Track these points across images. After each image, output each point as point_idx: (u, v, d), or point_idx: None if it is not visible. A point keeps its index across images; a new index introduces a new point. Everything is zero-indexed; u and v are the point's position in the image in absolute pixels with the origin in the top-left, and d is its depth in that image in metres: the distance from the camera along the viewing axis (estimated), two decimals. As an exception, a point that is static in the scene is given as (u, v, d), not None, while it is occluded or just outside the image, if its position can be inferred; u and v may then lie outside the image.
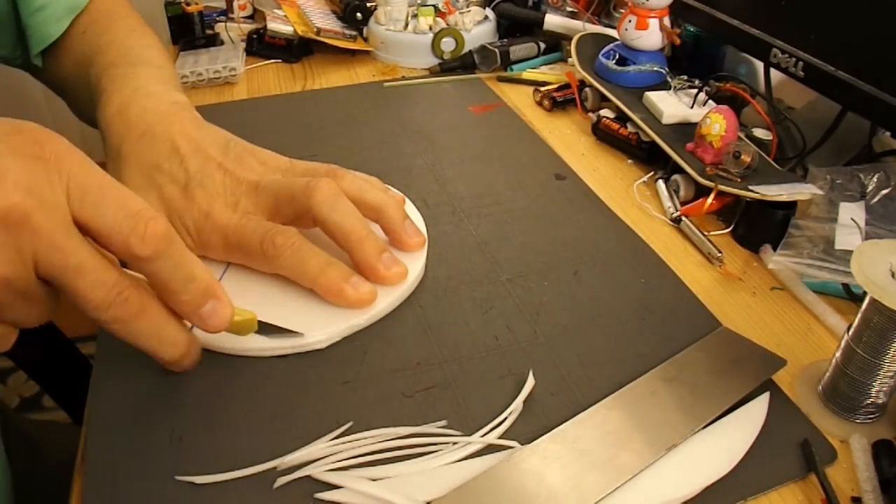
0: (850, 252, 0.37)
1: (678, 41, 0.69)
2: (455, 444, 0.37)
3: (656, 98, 0.65)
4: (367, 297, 0.44)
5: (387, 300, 0.45)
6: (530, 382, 0.41)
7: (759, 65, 0.69)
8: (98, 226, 0.31)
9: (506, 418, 0.39)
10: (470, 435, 0.38)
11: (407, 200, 0.54)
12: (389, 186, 0.53)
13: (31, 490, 0.54)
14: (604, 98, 0.69)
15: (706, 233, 0.53)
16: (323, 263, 0.44)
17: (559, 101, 0.74)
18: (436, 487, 0.35)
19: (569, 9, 0.87)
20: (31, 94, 2.00)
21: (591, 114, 0.69)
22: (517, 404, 0.39)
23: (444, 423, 0.39)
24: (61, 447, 0.59)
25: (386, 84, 0.79)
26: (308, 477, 0.36)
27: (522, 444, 0.37)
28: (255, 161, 0.47)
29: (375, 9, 0.88)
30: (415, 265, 0.48)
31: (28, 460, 0.58)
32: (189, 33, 0.88)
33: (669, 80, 0.67)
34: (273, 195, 0.45)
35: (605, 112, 0.68)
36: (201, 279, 0.35)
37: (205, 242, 0.45)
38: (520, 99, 0.76)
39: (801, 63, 0.57)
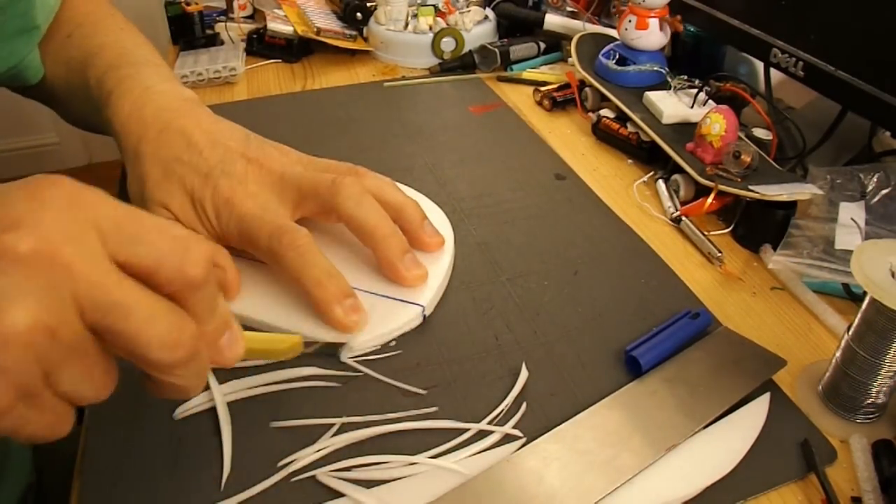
0: (850, 252, 0.37)
1: (681, 27, 0.69)
2: (458, 434, 0.37)
3: (656, 98, 0.65)
4: (352, 325, 0.42)
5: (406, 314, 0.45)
6: (524, 375, 0.41)
7: (759, 65, 0.69)
8: (141, 259, 0.27)
9: (503, 411, 0.39)
10: (470, 434, 0.38)
11: (430, 202, 0.54)
12: (405, 186, 0.52)
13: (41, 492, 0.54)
14: (604, 98, 0.69)
15: (706, 233, 0.53)
16: (322, 274, 0.43)
17: (559, 101, 0.74)
18: (435, 488, 0.35)
19: (569, 9, 0.87)
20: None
21: (591, 114, 0.69)
22: (511, 398, 0.40)
23: (435, 409, 0.39)
24: (61, 447, 0.59)
25: (386, 84, 0.79)
26: (309, 478, 0.36)
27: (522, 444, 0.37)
28: (276, 152, 0.48)
29: (375, 9, 0.88)
30: (433, 290, 0.47)
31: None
32: (189, 33, 0.88)
33: (669, 80, 0.67)
34: (297, 188, 0.45)
35: (605, 112, 0.68)
36: (223, 306, 0.31)
37: (224, 230, 0.45)
38: (520, 99, 0.76)
39: (801, 63, 0.57)
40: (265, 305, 0.44)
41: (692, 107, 0.63)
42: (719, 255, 0.51)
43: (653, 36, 0.69)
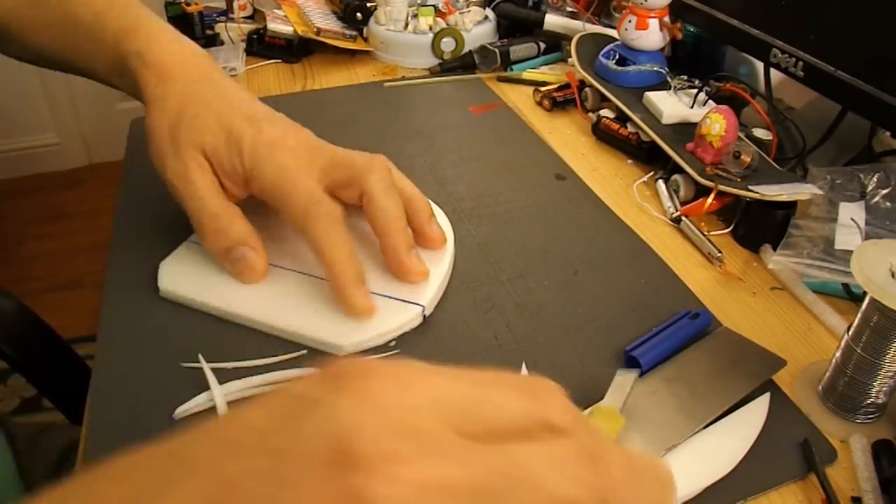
0: (850, 252, 0.37)
1: (680, 35, 0.69)
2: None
3: (656, 98, 0.65)
4: (363, 310, 0.43)
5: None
6: (523, 374, 0.41)
7: (759, 65, 0.69)
8: (496, 426, 0.21)
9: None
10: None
11: (430, 202, 0.54)
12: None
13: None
14: (604, 98, 0.69)
15: (706, 233, 0.53)
16: (346, 253, 0.43)
17: (559, 101, 0.74)
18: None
19: (569, 9, 0.87)
20: (31, 92, 2.00)
21: (591, 114, 0.69)
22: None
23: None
24: (61, 447, 0.59)
25: (386, 84, 0.79)
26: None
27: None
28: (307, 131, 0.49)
29: (375, 9, 0.88)
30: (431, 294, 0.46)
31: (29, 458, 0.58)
32: (189, 33, 0.87)
33: (669, 80, 0.67)
34: (330, 157, 0.46)
35: (605, 112, 0.68)
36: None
37: (254, 173, 0.44)
38: (520, 99, 0.76)
39: (801, 63, 0.57)
40: (265, 305, 0.44)
41: (692, 107, 0.63)
42: (719, 255, 0.51)
43: (653, 36, 0.69)
